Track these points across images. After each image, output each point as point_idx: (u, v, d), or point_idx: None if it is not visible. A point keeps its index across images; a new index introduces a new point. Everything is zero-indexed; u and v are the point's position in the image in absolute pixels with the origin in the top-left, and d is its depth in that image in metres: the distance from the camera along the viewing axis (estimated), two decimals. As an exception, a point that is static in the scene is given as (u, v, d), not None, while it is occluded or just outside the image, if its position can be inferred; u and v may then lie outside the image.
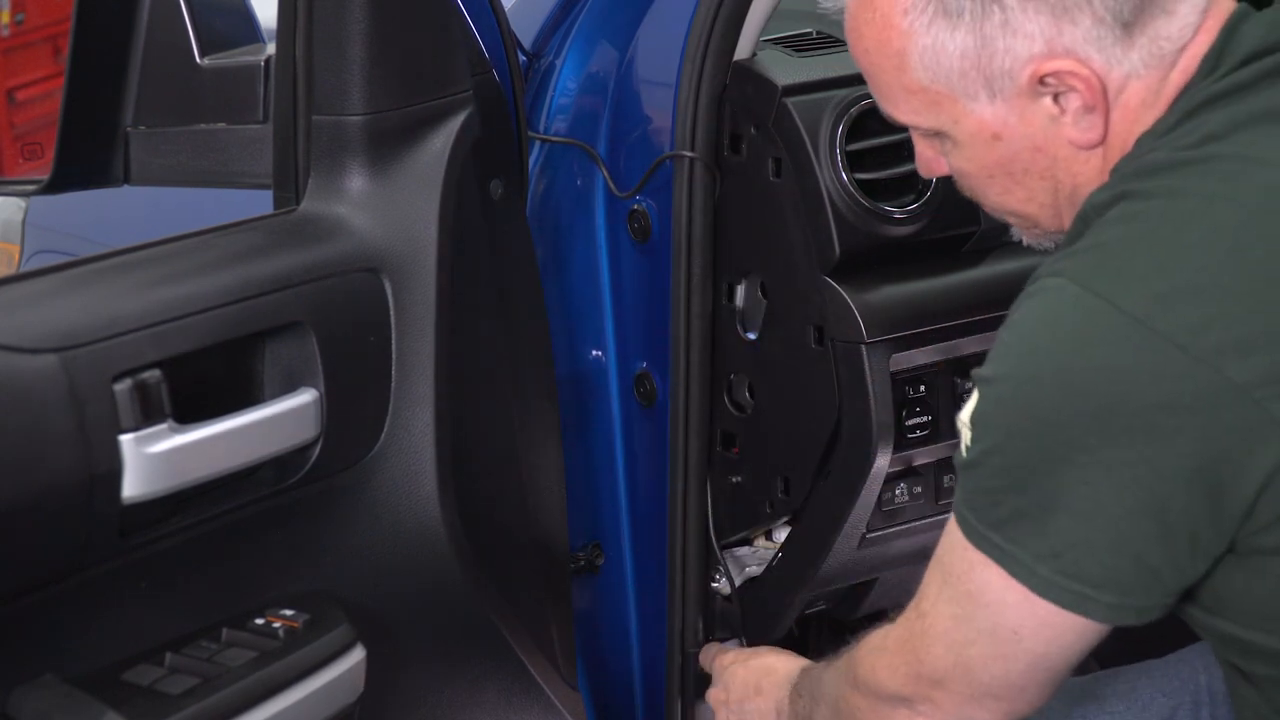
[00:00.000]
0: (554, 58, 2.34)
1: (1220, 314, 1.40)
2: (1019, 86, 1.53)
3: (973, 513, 1.49)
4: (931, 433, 2.07)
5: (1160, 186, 1.46)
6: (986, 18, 1.51)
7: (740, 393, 2.19)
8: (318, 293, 1.79)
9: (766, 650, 2.10)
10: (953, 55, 1.53)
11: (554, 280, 2.30)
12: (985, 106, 1.56)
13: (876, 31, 1.57)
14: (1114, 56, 1.51)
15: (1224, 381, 1.38)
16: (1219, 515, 1.41)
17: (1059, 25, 1.50)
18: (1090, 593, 1.45)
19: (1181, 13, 1.52)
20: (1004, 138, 1.57)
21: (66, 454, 1.55)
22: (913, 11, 1.54)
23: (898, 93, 1.60)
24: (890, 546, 2.16)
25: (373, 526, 1.88)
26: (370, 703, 1.81)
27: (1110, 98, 1.53)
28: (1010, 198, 1.63)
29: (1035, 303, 1.47)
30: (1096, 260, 1.45)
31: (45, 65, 2.38)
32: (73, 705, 1.59)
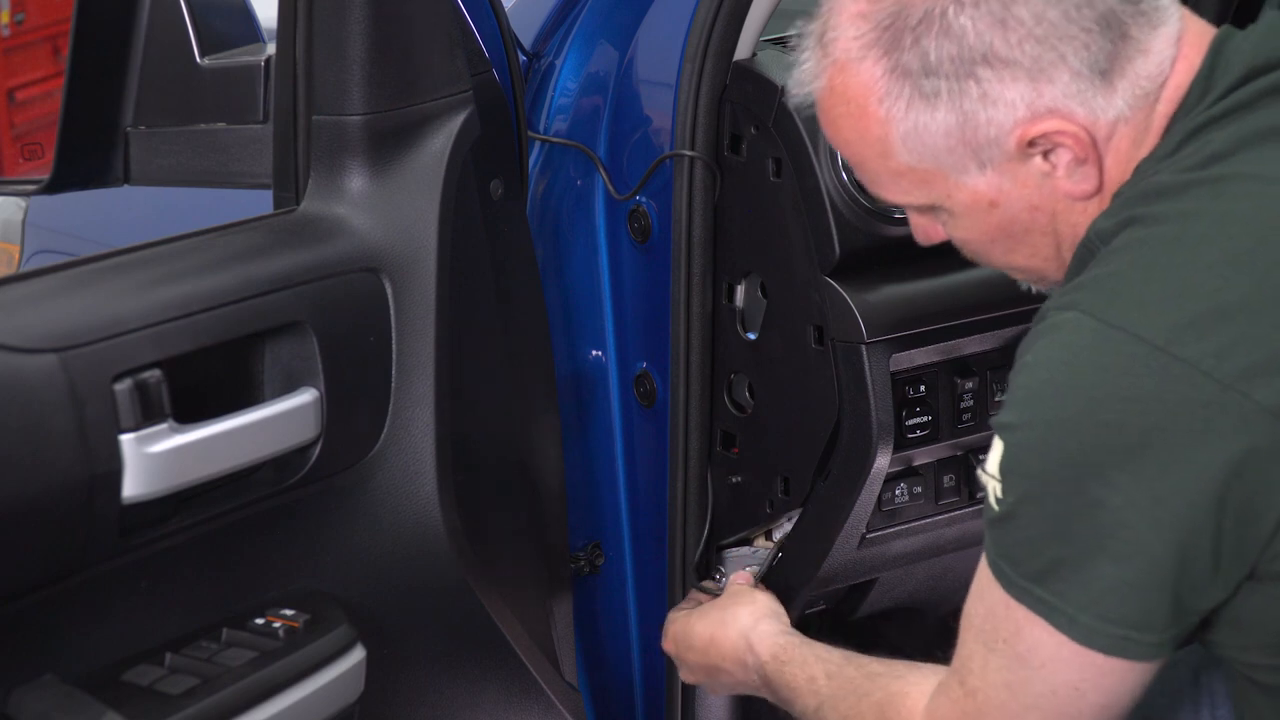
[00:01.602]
0: (554, 58, 2.34)
1: (1243, 337, 1.38)
2: (1007, 153, 1.52)
3: (1011, 565, 1.46)
4: (931, 433, 2.07)
5: (1169, 210, 1.44)
6: (964, 94, 1.50)
7: (740, 393, 2.19)
8: (318, 293, 1.79)
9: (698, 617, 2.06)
10: (936, 135, 1.52)
11: (554, 280, 2.30)
12: (977, 177, 1.54)
13: (854, 123, 1.56)
14: (1098, 106, 1.50)
15: (1252, 406, 1.36)
16: (1244, 541, 1.40)
17: (1037, 87, 1.48)
18: (1133, 635, 1.43)
19: (1157, 49, 1.50)
20: (1000, 204, 1.56)
21: (66, 454, 1.55)
22: (888, 99, 1.52)
23: (885, 177, 1.59)
24: (890, 546, 2.16)
25: (373, 526, 1.88)
26: (370, 703, 1.81)
27: (1101, 146, 1.51)
28: (1015, 256, 1.62)
29: (1051, 340, 1.44)
30: (1110, 290, 1.43)
31: (45, 65, 2.38)
32: (73, 705, 1.59)
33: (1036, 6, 1.47)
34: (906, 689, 1.70)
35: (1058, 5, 1.47)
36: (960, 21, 1.48)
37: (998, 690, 1.52)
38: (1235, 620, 1.47)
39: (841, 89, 1.55)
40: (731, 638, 2.00)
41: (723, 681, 2.06)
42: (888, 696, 1.71)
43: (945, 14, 1.48)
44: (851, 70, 1.54)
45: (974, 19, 1.48)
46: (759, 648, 1.96)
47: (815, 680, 1.85)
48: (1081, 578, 1.42)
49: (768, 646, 1.95)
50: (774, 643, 1.95)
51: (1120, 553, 1.41)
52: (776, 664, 1.92)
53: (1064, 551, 1.43)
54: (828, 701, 1.81)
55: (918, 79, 1.50)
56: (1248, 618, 1.46)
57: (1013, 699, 1.51)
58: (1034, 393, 1.44)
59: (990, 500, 1.46)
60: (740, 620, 2.01)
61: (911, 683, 1.70)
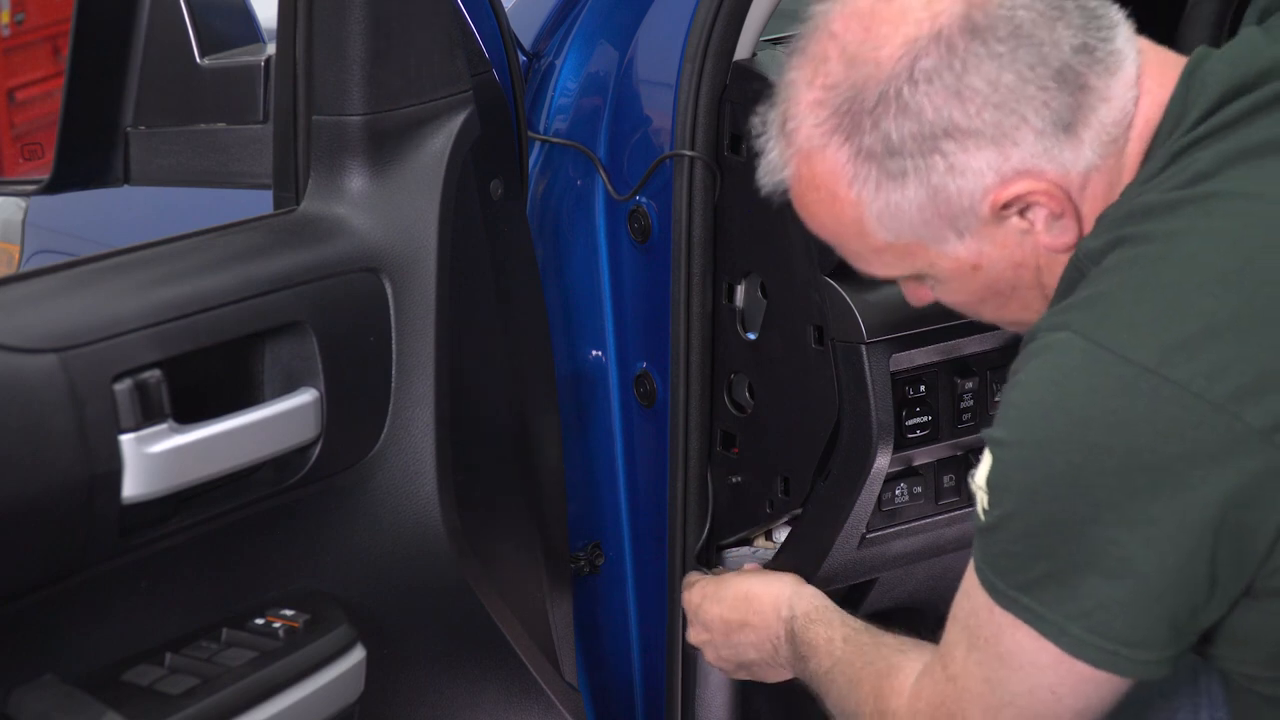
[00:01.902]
0: (554, 58, 2.34)
1: (1234, 358, 1.37)
2: (983, 218, 1.52)
3: (998, 576, 1.47)
4: (931, 433, 2.07)
5: (1157, 229, 1.44)
6: (931, 170, 1.50)
7: (740, 393, 2.19)
8: (318, 293, 1.79)
9: (734, 577, 2.10)
10: (909, 211, 1.52)
11: (554, 280, 2.30)
12: (956, 245, 1.55)
13: (827, 208, 1.57)
14: (1066, 160, 1.50)
15: (1244, 427, 1.36)
16: (1239, 560, 1.40)
17: (1003, 151, 1.48)
18: (1124, 650, 1.43)
19: (1118, 94, 1.50)
20: (983, 266, 1.56)
21: (66, 454, 1.55)
22: (856, 182, 1.52)
23: (867, 255, 1.60)
24: (890, 546, 2.16)
25: (373, 526, 1.88)
26: (370, 703, 1.81)
27: (1076, 197, 1.51)
28: (1006, 312, 1.63)
29: (1042, 361, 1.44)
30: (1101, 311, 1.43)
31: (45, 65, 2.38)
32: (73, 705, 1.59)
33: (990, 73, 1.47)
34: (904, 663, 1.73)
35: (1011, 68, 1.47)
36: (916, 99, 1.48)
37: (977, 683, 1.54)
38: (1233, 635, 1.47)
39: (809, 177, 1.56)
40: (773, 592, 2.03)
41: (737, 640, 2.07)
42: (887, 667, 1.75)
43: (900, 94, 1.48)
44: (816, 158, 1.54)
45: (929, 95, 1.48)
46: (798, 604, 1.99)
47: (833, 642, 1.89)
48: (1070, 590, 1.43)
49: (806, 605, 1.99)
50: (812, 603, 1.99)
51: (1111, 569, 1.41)
52: (806, 620, 1.96)
53: (1051, 566, 1.43)
54: (839, 663, 1.85)
55: (883, 160, 1.51)
56: (1245, 633, 1.46)
57: (990, 693, 1.53)
58: (1024, 411, 1.44)
59: (978, 509, 1.47)
60: (785, 582, 2.05)
61: (910, 658, 1.73)
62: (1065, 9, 1.49)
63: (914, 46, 1.48)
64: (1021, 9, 1.48)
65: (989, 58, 1.47)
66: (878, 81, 1.49)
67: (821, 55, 1.53)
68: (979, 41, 1.47)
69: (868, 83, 1.49)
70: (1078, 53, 1.48)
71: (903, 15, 1.49)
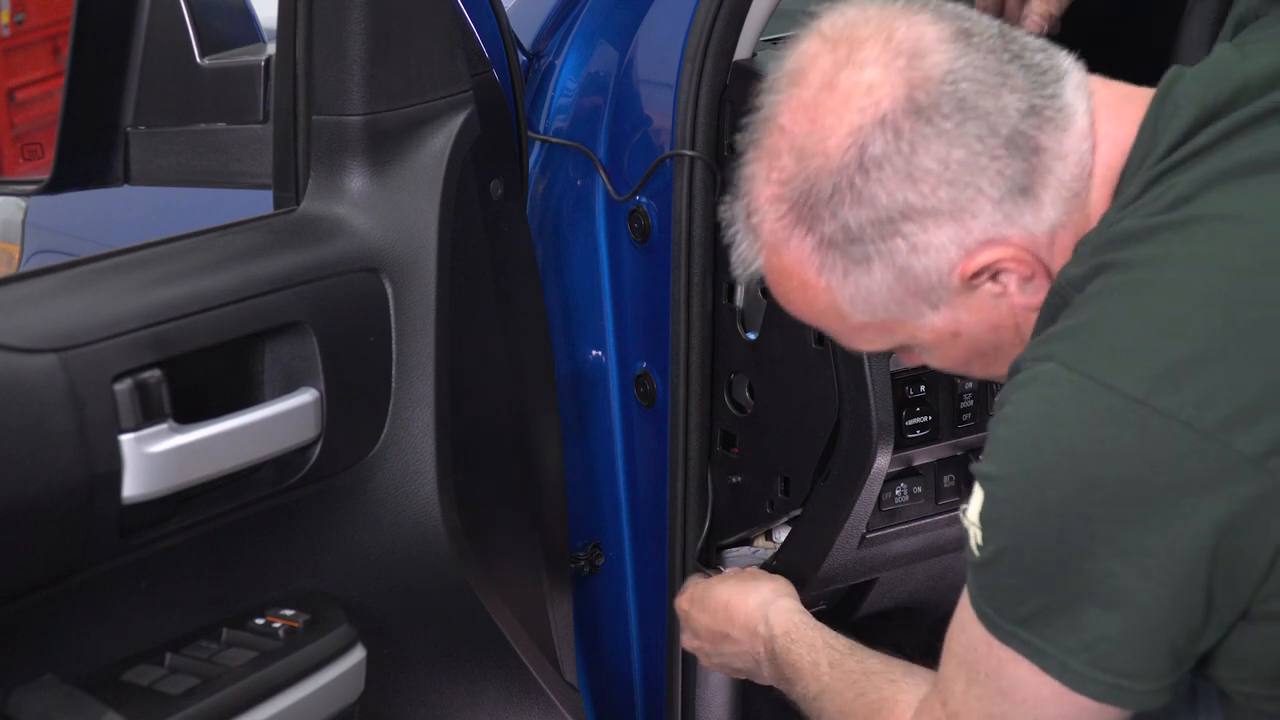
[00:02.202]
0: (554, 58, 2.34)
1: (1222, 385, 1.36)
2: (954, 290, 1.53)
3: (996, 610, 1.46)
4: (931, 433, 2.07)
5: (1139, 255, 1.43)
6: (894, 253, 1.50)
7: (740, 393, 2.19)
8: (318, 293, 1.79)
9: (718, 582, 2.09)
10: (880, 293, 1.53)
11: (554, 280, 2.30)
12: (933, 317, 1.56)
13: (801, 295, 1.58)
14: (1028, 224, 1.50)
15: (1234, 455, 1.35)
16: (1235, 585, 1.39)
17: (964, 225, 1.49)
18: (1125, 683, 1.42)
19: (1072, 148, 1.50)
20: (963, 333, 1.57)
21: (66, 454, 1.55)
22: (825, 270, 1.53)
23: (849, 334, 1.61)
24: (890, 546, 2.16)
25: (373, 526, 1.88)
26: (370, 703, 1.81)
27: (1045, 256, 1.51)
28: (994, 369, 1.62)
29: (1029, 393, 1.43)
30: (1085, 341, 1.42)
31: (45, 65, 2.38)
32: (73, 705, 1.59)
33: (940, 151, 1.47)
34: (897, 696, 1.72)
35: (960, 143, 1.47)
36: (869, 188, 1.48)
37: (978, 718, 1.53)
38: (1230, 658, 1.46)
39: (779, 267, 1.57)
40: (750, 605, 2.02)
41: (724, 650, 2.07)
42: (880, 700, 1.74)
43: (853, 183, 1.49)
44: (782, 250, 1.55)
45: (881, 181, 1.48)
46: (774, 620, 1.98)
47: (819, 666, 1.87)
48: (1069, 623, 1.42)
49: (783, 621, 1.97)
50: (789, 619, 1.97)
51: (1109, 601, 1.40)
52: (787, 640, 1.94)
53: (1049, 599, 1.43)
54: (827, 691, 1.84)
55: (845, 248, 1.51)
56: (1242, 655, 1.45)
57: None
58: (1013, 444, 1.44)
59: (971, 545, 1.46)
60: (761, 591, 2.04)
61: (903, 689, 1.72)
62: (1008, 74, 1.49)
63: (860, 134, 1.48)
64: (965, 81, 1.48)
65: (936, 136, 1.47)
66: (829, 173, 1.49)
67: (774, 149, 1.53)
68: (924, 121, 1.47)
69: (820, 175, 1.50)
70: (1026, 116, 1.48)
71: (845, 103, 1.49)
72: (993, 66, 1.49)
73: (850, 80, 1.49)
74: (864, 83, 1.48)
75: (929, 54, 1.48)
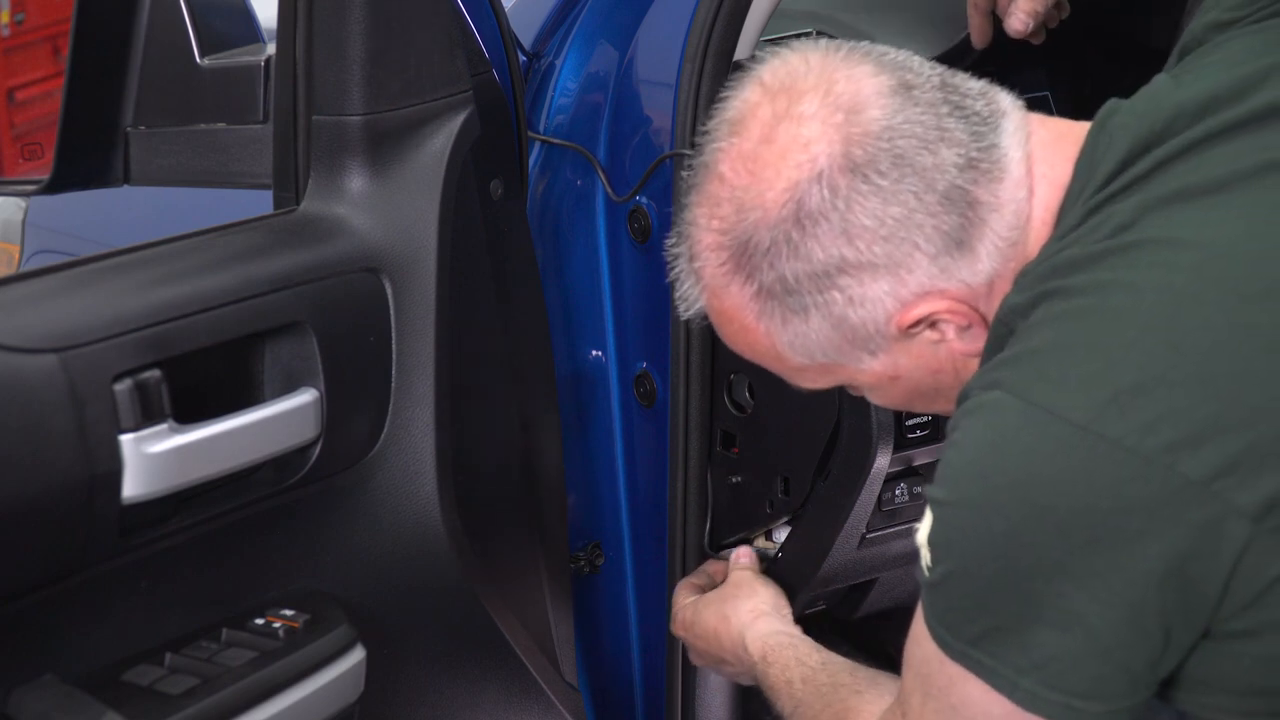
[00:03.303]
0: (554, 58, 2.34)
1: (1167, 411, 1.36)
2: (891, 338, 1.54)
3: (947, 630, 1.46)
4: (931, 433, 2.07)
5: (1083, 282, 1.43)
6: (830, 304, 1.52)
7: (740, 393, 2.19)
8: (318, 293, 1.79)
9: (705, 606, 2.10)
10: (818, 340, 1.55)
11: (554, 280, 2.30)
12: (871, 362, 1.57)
13: (743, 337, 1.60)
14: (965, 274, 1.51)
15: (1180, 479, 1.35)
16: (1191, 609, 1.39)
17: (899, 278, 1.50)
18: (1076, 703, 1.42)
19: (1008, 197, 1.50)
20: (901, 376, 1.59)
21: (66, 454, 1.55)
22: (764, 317, 1.55)
23: (791, 374, 1.63)
24: (890, 546, 2.16)
25: (373, 526, 1.88)
26: (370, 703, 1.81)
27: (982, 305, 1.52)
28: (935, 406, 1.64)
29: (976, 420, 1.43)
30: (1032, 368, 1.42)
31: (45, 65, 2.38)
32: (73, 705, 1.59)
33: (875, 208, 1.48)
34: (860, 706, 1.75)
35: (896, 200, 1.48)
36: (806, 243, 1.49)
37: None
38: (1193, 679, 1.45)
39: (720, 310, 1.59)
40: (731, 634, 2.04)
41: (725, 670, 2.11)
42: (844, 710, 1.77)
43: (790, 237, 1.50)
44: (722, 295, 1.57)
45: (817, 237, 1.49)
46: (751, 647, 2.00)
47: (792, 685, 1.90)
48: (1019, 643, 1.42)
49: (759, 647, 1.99)
50: (764, 643, 1.99)
51: (1059, 622, 1.40)
52: (764, 664, 1.97)
53: (998, 621, 1.43)
54: (800, 707, 1.87)
55: (782, 298, 1.53)
56: (1205, 675, 1.45)
57: None
58: (962, 472, 1.44)
59: (922, 565, 1.47)
60: (740, 616, 2.05)
61: (866, 700, 1.75)
62: (946, 128, 1.50)
63: (797, 190, 1.49)
64: (902, 138, 1.48)
65: (873, 193, 1.48)
66: (767, 226, 1.50)
67: (715, 197, 1.54)
68: (860, 178, 1.48)
69: (758, 227, 1.51)
70: (963, 170, 1.49)
71: (783, 158, 1.50)
72: (931, 121, 1.49)
73: (788, 134, 1.50)
74: (802, 138, 1.49)
75: (867, 109, 1.49)
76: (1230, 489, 1.34)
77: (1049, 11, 2.02)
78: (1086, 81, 2.41)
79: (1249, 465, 1.35)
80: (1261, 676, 1.43)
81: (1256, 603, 1.38)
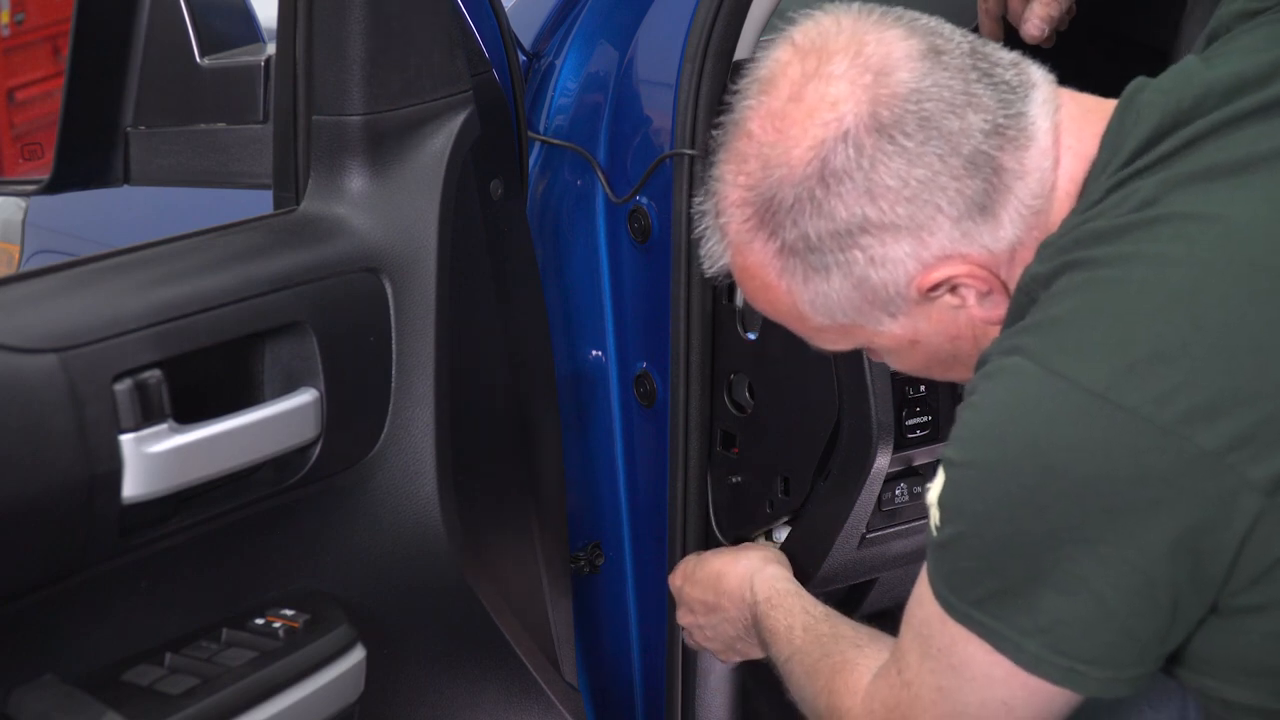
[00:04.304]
0: (554, 58, 2.34)
1: (1184, 382, 1.37)
2: (911, 301, 1.55)
3: (951, 591, 1.47)
4: (931, 433, 2.07)
5: (1107, 254, 1.44)
6: (852, 264, 1.53)
7: (740, 393, 2.19)
8: (318, 293, 1.79)
9: (709, 555, 2.12)
10: (838, 300, 1.56)
11: (554, 280, 2.30)
12: (891, 324, 1.58)
13: (764, 294, 1.61)
14: (988, 240, 1.52)
15: (1195, 450, 1.35)
16: (1200, 581, 1.39)
17: (921, 240, 1.51)
18: (1080, 668, 1.43)
19: (1033, 166, 1.51)
20: (920, 340, 1.60)
21: (66, 454, 1.55)
22: (785, 275, 1.56)
23: (810, 334, 1.64)
24: (890, 546, 2.16)
25: (373, 526, 1.88)
26: (370, 703, 1.81)
27: (1003, 272, 1.53)
28: (952, 374, 1.65)
29: (995, 384, 1.44)
30: (1053, 336, 1.43)
31: (45, 65, 2.38)
32: (73, 705, 1.59)
33: (900, 169, 1.49)
34: (859, 660, 1.74)
35: (921, 162, 1.49)
36: (829, 201, 1.51)
37: (929, 690, 1.54)
38: (1200, 655, 1.46)
39: (744, 266, 1.60)
40: (738, 572, 2.05)
41: (715, 622, 2.08)
42: (843, 663, 1.76)
43: (814, 195, 1.51)
44: (746, 251, 1.58)
45: (841, 195, 1.50)
46: (758, 587, 2.01)
47: (793, 630, 1.90)
48: (1025, 606, 1.43)
49: (766, 588, 2.00)
50: (772, 587, 2.00)
51: (1068, 587, 1.41)
52: (768, 605, 1.97)
53: (1004, 584, 1.44)
54: (798, 654, 1.86)
55: (805, 255, 1.54)
56: (1212, 652, 1.45)
57: (942, 701, 1.53)
58: (977, 433, 1.45)
59: (931, 526, 1.48)
60: (751, 559, 2.07)
61: (866, 655, 1.75)
62: (974, 93, 1.50)
63: (823, 148, 1.50)
64: (929, 101, 1.49)
65: (898, 154, 1.49)
66: (792, 183, 1.52)
67: (742, 154, 1.56)
68: (886, 139, 1.49)
69: (783, 184, 1.52)
70: (989, 136, 1.50)
71: (810, 116, 1.51)
72: (959, 86, 1.50)
73: (817, 93, 1.51)
74: (830, 97, 1.51)
75: (896, 71, 1.50)
76: (1244, 462, 1.35)
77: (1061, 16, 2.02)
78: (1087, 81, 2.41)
79: (1264, 439, 1.35)
80: (1269, 654, 1.44)
81: (1265, 578, 1.39)
